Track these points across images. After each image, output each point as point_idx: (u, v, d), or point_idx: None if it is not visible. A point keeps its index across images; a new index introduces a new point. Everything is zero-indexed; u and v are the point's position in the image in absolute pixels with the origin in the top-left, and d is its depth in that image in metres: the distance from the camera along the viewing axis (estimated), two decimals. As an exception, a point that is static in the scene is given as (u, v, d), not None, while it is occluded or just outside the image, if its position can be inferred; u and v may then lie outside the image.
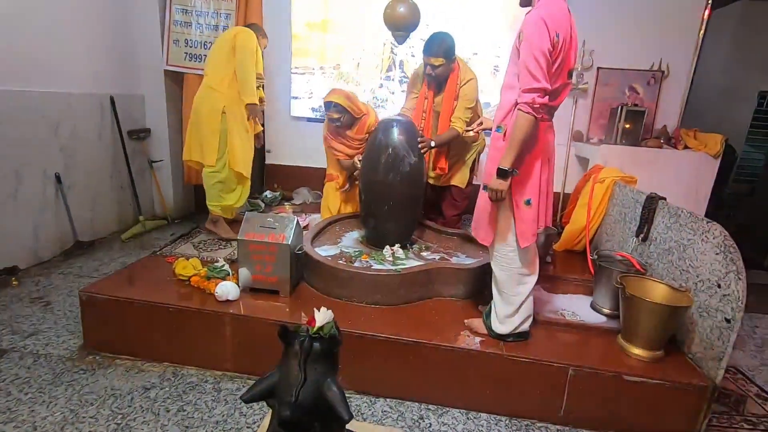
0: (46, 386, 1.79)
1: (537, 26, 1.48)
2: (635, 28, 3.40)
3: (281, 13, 3.67)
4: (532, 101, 1.50)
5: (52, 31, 2.83)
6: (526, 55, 1.50)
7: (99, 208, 3.32)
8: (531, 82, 1.50)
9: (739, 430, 1.81)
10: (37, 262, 2.83)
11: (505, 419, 1.79)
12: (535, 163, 1.64)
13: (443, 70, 2.53)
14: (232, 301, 2.00)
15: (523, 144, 1.55)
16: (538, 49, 1.48)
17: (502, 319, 1.82)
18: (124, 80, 3.47)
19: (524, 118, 1.53)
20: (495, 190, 1.62)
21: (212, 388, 1.86)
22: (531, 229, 1.69)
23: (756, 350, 2.42)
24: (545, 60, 1.49)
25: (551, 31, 1.48)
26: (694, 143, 3.18)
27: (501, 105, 1.68)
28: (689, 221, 1.92)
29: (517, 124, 1.54)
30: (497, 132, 1.67)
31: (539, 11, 1.50)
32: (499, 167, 1.58)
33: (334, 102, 2.58)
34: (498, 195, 1.62)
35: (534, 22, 1.49)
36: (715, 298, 1.70)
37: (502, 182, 1.60)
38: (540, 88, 1.50)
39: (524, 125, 1.53)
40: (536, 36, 1.48)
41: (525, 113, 1.52)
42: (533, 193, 1.66)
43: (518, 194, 1.65)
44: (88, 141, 3.17)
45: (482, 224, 1.77)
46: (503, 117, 1.64)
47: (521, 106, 1.52)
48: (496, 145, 1.67)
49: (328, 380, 1.06)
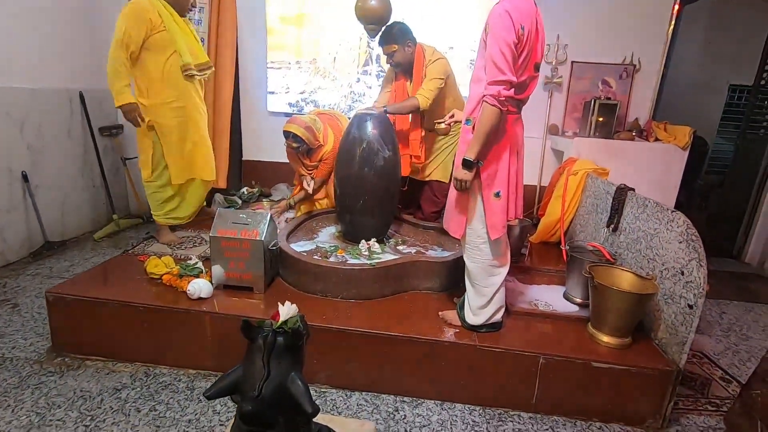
0: (11, 390, 1.75)
1: (501, 18, 1.49)
2: (608, 23, 3.44)
3: (255, 7, 3.61)
4: (497, 94, 1.51)
5: (15, 25, 2.74)
6: (491, 48, 1.51)
7: (70, 208, 3.24)
8: (497, 74, 1.51)
9: (703, 411, 1.87)
10: (3, 264, 2.75)
11: (479, 408, 1.82)
12: (503, 156, 1.65)
13: (401, 56, 2.61)
14: (205, 298, 1.97)
15: (488, 136, 1.57)
16: (503, 41, 1.49)
17: (474, 310, 1.84)
18: (94, 75, 3.37)
19: (490, 110, 1.54)
20: (460, 180, 1.64)
21: (185, 387, 1.84)
22: (501, 221, 1.70)
23: (722, 335, 2.50)
24: (510, 52, 1.50)
25: (516, 23, 1.49)
26: (664, 135, 3.25)
27: (470, 98, 1.68)
28: (655, 211, 1.96)
29: (483, 115, 1.55)
30: (466, 125, 1.68)
31: (504, 4, 1.51)
32: (464, 158, 1.60)
33: (293, 132, 2.65)
34: (462, 185, 1.65)
35: (498, 14, 1.50)
36: (678, 285, 1.75)
37: (467, 173, 1.62)
38: (505, 80, 1.51)
39: (490, 117, 1.54)
40: (501, 28, 1.49)
41: (491, 105, 1.53)
42: (502, 186, 1.68)
43: (487, 187, 1.67)
44: (56, 138, 3.08)
45: (453, 216, 1.80)
46: (472, 110, 1.65)
47: (487, 98, 1.53)
48: (465, 138, 1.69)
49: (292, 374, 1.06)
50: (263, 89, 3.78)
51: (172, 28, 2.33)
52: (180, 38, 2.36)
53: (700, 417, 1.84)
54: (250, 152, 3.97)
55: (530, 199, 3.56)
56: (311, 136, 2.70)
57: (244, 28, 3.66)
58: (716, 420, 1.82)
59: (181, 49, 2.36)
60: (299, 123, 2.68)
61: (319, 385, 1.88)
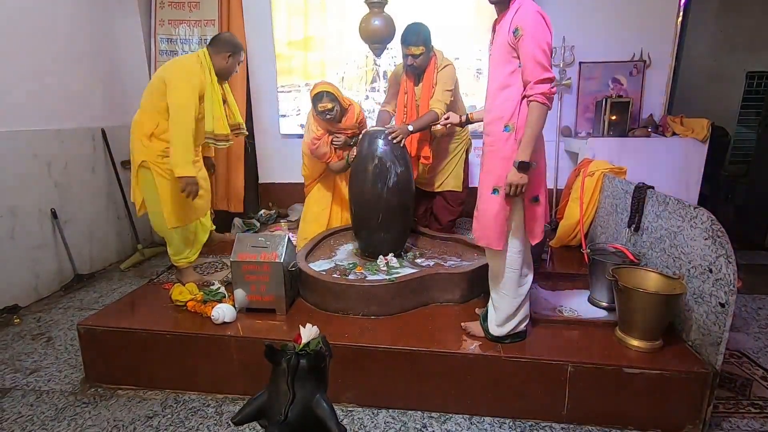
0: (48, 422, 1.80)
1: (537, 20, 1.51)
2: (614, 21, 3.43)
3: (264, 35, 3.73)
4: (548, 91, 1.52)
5: (40, 71, 2.89)
6: (533, 48, 1.51)
7: (97, 240, 3.35)
8: (542, 72, 1.51)
9: (746, 414, 1.78)
10: (37, 299, 2.86)
11: (509, 421, 1.78)
12: (538, 159, 1.64)
13: (423, 59, 2.54)
14: (229, 323, 2.01)
15: (538, 135, 1.57)
16: (543, 40, 1.51)
17: (501, 321, 1.81)
18: (114, 112, 3.52)
19: (541, 110, 1.53)
20: (516, 185, 1.58)
21: (214, 412, 1.86)
22: (540, 226, 1.70)
23: (760, 332, 2.39)
24: (550, 51, 1.53)
25: (549, 25, 1.53)
26: (681, 129, 3.18)
27: (497, 105, 1.64)
28: (677, 208, 1.92)
29: (534, 116, 1.54)
30: (506, 131, 1.63)
31: (532, 7, 1.54)
32: (521, 161, 1.56)
33: (326, 91, 2.56)
34: (518, 189, 1.59)
35: (533, 16, 1.52)
36: (708, 284, 1.69)
37: (524, 176, 1.58)
38: (552, 77, 1.53)
39: (541, 116, 1.54)
40: (540, 29, 1.51)
41: (541, 104, 1.53)
42: (539, 189, 1.67)
43: (528, 192, 1.64)
44: (81, 175, 3.21)
45: (493, 229, 1.70)
46: (510, 116, 1.61)
47: (536, 97, 1.52)
48: (506, 145, 1.63)
49: (317, 396, 1.07)
50: (275, 113, 3.87)
51: (209, 94, 2.29)
52: (212, 105, 2.31)
53: (743, 420, 1.76)
54: (265, 175, 4.05)
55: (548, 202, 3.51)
56: (340, 93, 2.64)
57: (253, 57, 3.78)
58: (761, 422, 1.74)
59: (209, 116, 2.31)
60: (326, 83, 2.64)
61: (345, 404, 1.87)
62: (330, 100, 2.56)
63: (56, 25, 3.02)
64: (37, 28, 2.87)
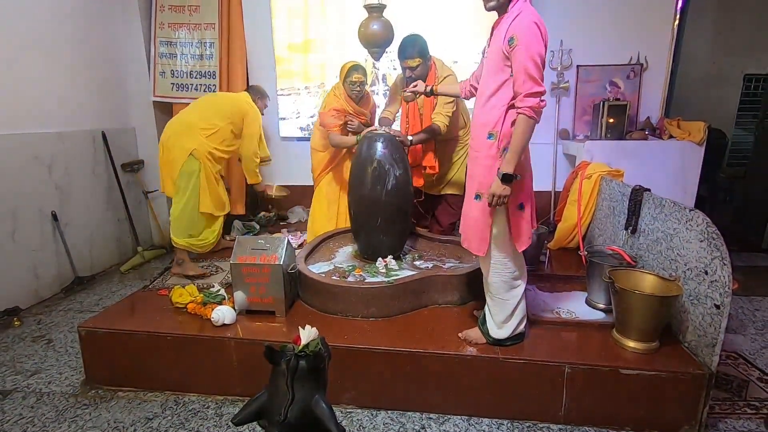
0: (49, 424, 1.81)
1: (532, 30, 1.49)
2: (611, 24, 3.45)
3: (263, 38, 3.75)
4: (536, 105, 1.51)
5: (41, 74, 2.91)
6: (525, 60, 1.49)
7: (97, 243, 3.36)
8: (533, 86, 1.50)
9: (742, 415, 1.80)
10: (38, 301, 2.87)
11: (507, 422, 1.79)
12: (524, 167, 1.66)
13: (421, 70, 2.55)
14: (229, 324, 2.02)
15: (524, 148, 1.58)
16: (536, 52, 1.49)
17: (499, 324, 1.82)
18: (114, 115, 3.55)
19: (527, 123, 1.53)
20: (499, 196, 1.59)
21: (214, 414, 1.87)
22: (527, 233, 1.71)
23: (757, 333, 2.41)
24: (542, 63, 1.51)
25: (544, 36, 1.51)
26: (677, 132, 3.20)
27: (484, 112, 1.66)
28: (673, 211, 1.93)
29: (521, 128, 1.54)
30: (489, 139, 1.65)
31: (529, 16, 1.51)
32: (505, 173, 1.57)
33: (360, 65, 2.73)
34: (501, 200, 1.60)
35: (528, 26, 1.50)
36: (703, 285, 1.71)
37: (507, 187, 1.58)
38: (541, 91, 1.51)
39: (528, 129, 1.54)
40: (534, 41, 1.49)
41: (528, 117, 1.52)
42: (524, 197, 1.68)
43: (512, 200, 1.65)
44: (82, 177, 3.23)
45: (476, 234, 1.74)
46: (494, 124, 1.63)
47: (525, 110, 1.52)
48: (488, 152, 1.65)
49: (316, 397, 1.08)
50: (275, 116, 3.89)
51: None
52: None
53: (739, 421, 1.77)
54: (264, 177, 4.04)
55: (545, 205, 3.53)
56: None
57: (253, 60, 3.80)
58: (756, 423, 1.75)
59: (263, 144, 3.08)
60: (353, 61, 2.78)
61: (345, 405, 1.88)
62: (362, 74, 2.73)
63: (57, 29, 3.04)
64: (38, 31, 2.89)
